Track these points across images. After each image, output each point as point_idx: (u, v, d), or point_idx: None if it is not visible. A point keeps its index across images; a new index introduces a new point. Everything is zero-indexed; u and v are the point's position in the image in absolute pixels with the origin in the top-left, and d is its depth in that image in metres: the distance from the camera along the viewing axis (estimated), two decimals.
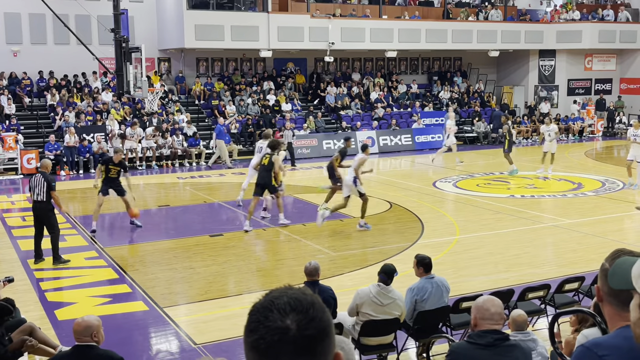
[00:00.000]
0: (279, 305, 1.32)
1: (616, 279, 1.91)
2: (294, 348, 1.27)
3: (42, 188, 10.48)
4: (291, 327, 1.28)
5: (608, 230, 12.59)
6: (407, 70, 30.93)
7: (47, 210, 10.56)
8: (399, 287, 7.38)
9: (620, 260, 1.93)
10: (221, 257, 11.17)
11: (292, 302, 1.32)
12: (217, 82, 26.58)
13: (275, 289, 1.39)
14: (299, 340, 1.28)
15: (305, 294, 1.37)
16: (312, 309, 1.33)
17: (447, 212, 14.58)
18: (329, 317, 1.38)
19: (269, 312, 1.31)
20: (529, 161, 22.75)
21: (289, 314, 1.30)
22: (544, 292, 7.73)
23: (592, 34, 29.72)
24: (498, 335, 3.77)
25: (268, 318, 1.30)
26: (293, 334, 1.28)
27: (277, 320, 1.29)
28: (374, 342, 6.68)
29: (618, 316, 1.90)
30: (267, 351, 1.27)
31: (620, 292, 1.88)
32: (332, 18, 25.93)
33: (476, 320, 3.77)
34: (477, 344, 3.69)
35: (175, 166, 22.03)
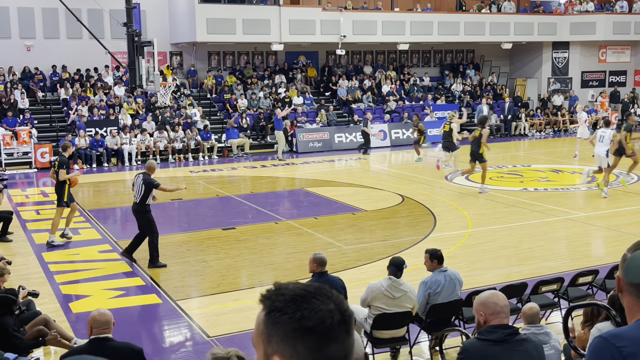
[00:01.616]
0: (315, 292, 1.37)
1: (632, 272, 1.89)
2: (345, 328, 1.35)
3: (139, 190, 10.32)
4: (335, 310, 1.35)
5: (622, 224, 12.50)
6: (419, 63, 30.80)
7: (140, 212, 10.42)
8: (411, 280, 7.38)
9: (637, 253, 1.90)
10: (234, 251, 11.21)
11: (322, 289, 1.40)
12: (229, 76, 26.60)
13: (282, 284, 1.40)
14: (346, 319, 1.36)
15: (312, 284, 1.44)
16: (339, 295, 1.40)
17: (460, 205, 14.53)
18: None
19: (312, 298, 1.36)
20: (542, 154, 22.62)
21: (330, 300, 1.36)
22: (557, 285, 7.70)
23: (606, 26, 29.43)
24: (508, 329, 3.76)
25: (314, 303, 1.35)
26: (340, 315, 1.35)
27: (323, 305, 1.35)
28: (386, 336, 6.68)
29: (638, 307, 1.88)
30: (328, 333, 1.33)
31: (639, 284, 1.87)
32: (343, 11, 25.86)
33: (485, 316, 3.75)
34: (488, 340, 3.67)
35: (188, 160, 22.09)
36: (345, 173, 20.10)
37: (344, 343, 1.35)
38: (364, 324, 6.74)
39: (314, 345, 1.32)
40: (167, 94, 19.15)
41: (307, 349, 1.32)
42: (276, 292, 1.39)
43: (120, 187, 18.34)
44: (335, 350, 1.33)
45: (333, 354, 1.33)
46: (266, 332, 1.36)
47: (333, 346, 1.33)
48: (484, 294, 3.90)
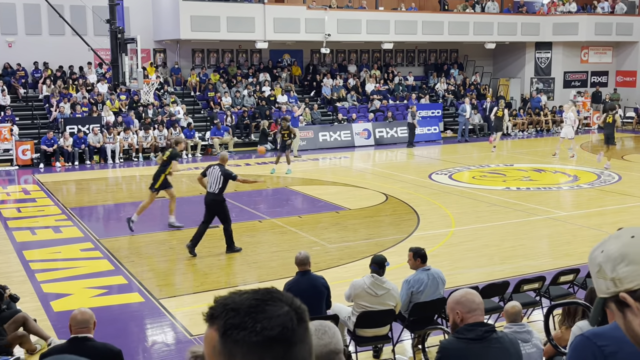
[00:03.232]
0: (267, 299, 1.33)
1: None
2: (305, 325, 1.32)
3: (217, 180, 10.60)
4: (291, 311, 1.32)
5: (603, 223, 12.63)
6: (404, 62, 30.88)
7: (218, 202, 10.70)
8: (395, 278, 7.40)
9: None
10: (217, 249, 11.17)
11: (269, 293, 1.35)
12: (213, 74, 26.51)
13: (226, 298, 1.35)
14: (302, 316, 1.33)
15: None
16: (294, 298, 1.36)
17: (443, 204, 14.60)
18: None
19: (265, 306, 1.31)
20: (524, 153, 22.79)
21: (280, 301, 1.33)
22: (539, 284, 7.77)
23: (588, 27, 29.70)
24: (485, 327, 3.79)
25: (270, 311, 1.30)
26: (296, 314, 1.32)
27: (279, 309, 1.31)
28: (369, 334, 6.70)
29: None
30: (292, 337, 1.29)
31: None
32: (328, 9, 25.86)
33: (462, 314, 3.76)
34: (467, 338, 3.70)
35: None
36: (330, 172, 20.12)
37: (306, 341, 1.33)
38: (347, 322, 6.76)
39: (280, 353, 1.29)
40: (151, 91, 19.05)
41: (275, 357, 1.29)
42: (225, 308, 1.32)
43: (102, 185, 18.22)
44: (302, 350, 1.31)
45: (300, 354, 1.31)
46: (226, 351, 1.30)
47: (297, 348, 1.30)
48: (458, 292, 3.93)
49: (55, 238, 12.04)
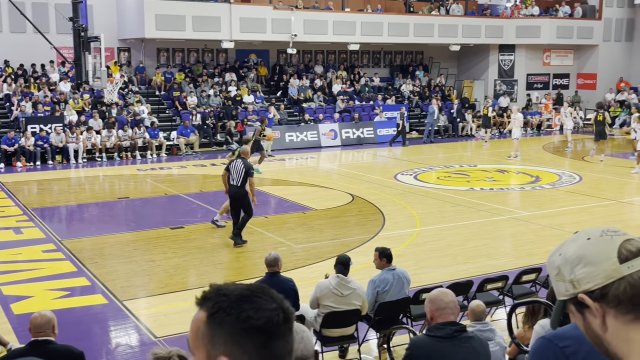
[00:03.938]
0: (258, 293, 1.37)
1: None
2: (289, 326, 1.37)
3: (239, 173, 10.99)
4: (279, 309, 1.36)
5: (565, 223, 12.87)
6: (370, 63, 31.04)
7: (241, 195, 11.10)
8: (361, 279, 7.44)
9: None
10: (182, 250, 11.09)
11: (263, 289, 1.40)
12: (178, 73, 26.28)
13: (221, 285, 1.40)
14: (288, 317, 1.37)
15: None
16: (274, 293, 1.41)
17: (408, 204, 14.72)
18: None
19: (255, 298, 1.36)
20: (488, 154, 23.10)
21: (273, 300, 1.37)
22: (502, 283, 7.88)
23: (550, 30, 30.25)
24: (456, 326, 3.83)
25: (259, 303, 1.35)
26: (283, 313, 1.36)
27: (268, 303, 1.35)
28: (335, 334, 6.72)
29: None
30: (275, 331, 1.34)
31: None
32: (294, 10, 25.85)
33: (432, 313, 3.82)
34: (436, 336, 3.74)
35: (135, 158, 21.73)
36: (296, 172, 20.11)
37: (288, 340, 1.37)
38: (313, 322, 6.77)
39: (261, 343, 1.33)
40: (114, 90, 18.79)
41: (255, 347, 1.33)
42: (217, 293, 1.37)
43: (64, 186, 17.92)
44: (281, 347, 1.35)
45: (279, 351, 1.35)
46: (209, 334, 1.34)
47: (279, 343, 1.35)
48: (434, 291, 3.97)
49: (16, 239, 11.81)
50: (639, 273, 1.29)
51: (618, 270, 1.30)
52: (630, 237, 1.36)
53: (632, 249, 1.32)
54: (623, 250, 1.32)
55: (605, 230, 1.39)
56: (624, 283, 1.29)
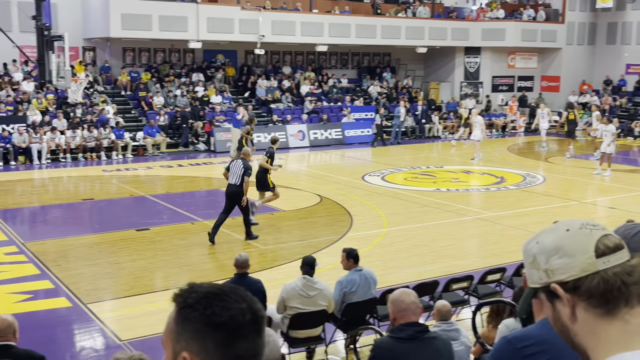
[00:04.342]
0: (231, 292, 1.38)
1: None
2: (256, 328, 1.37)
3: (238, 173, 11.34)
4: (247, 309, 1.36)
5: (529, 223, 13.07)
6: (337, 65, 31.12)
7: (239, 193, 11.36)
8: (328, 279, 7.46)
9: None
10: (148, 252, 10.98)
11: (236, 289, 1.40)
12: (145, 73, 26.00)
13: (196, 283, 1.41)
14: (257, 319, 1.37)
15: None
16: (247, 294, 1.41)
17: (376, 205, 14.79)
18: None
19: (226, 297, 1.36)
20: (454, 156, 23.34)
21: (242, 299, 1.37)
22: (467, 283, 7.97)
23: (515, 33, 30.69)
24: (418, 327, 3.87)
25: (227, 301, 1.35)
26: (251, 314, 1.36)
27: (236, 303, 1.36)
28: (302, 335, 6.73)
29: (542, 306, 1.97)
30: (238, 331, 1.34)
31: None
32: (262, 10, 25.78)
33: (395, 314, 3.84)
34: (399, 338, 3.77)
35: (101, 158, 21.43)
36: None
37: (254, 342, 1.37)
38: (280, 324, 6.76)
39: (223, 342, 1.33)
40: (79, 90, 18.52)
41: (216, 345, 1.33)
42: (189, 290, 1.39)
43: (27, 187, 17.60)
44: (244, 348, 1.35)
45: (242, 352, 1.35)
46: (176, 329, 1.36)
47: (242, 344, 1.35)
48: (395, 292, 4.00)
49: None
50: (614, 269, 1.31)
51: (594, 265, 1.31)
52: (608, 233, 1.37)
53: (610, 245, 1.33)
54: (600, 245, 1.33)
55: (585, 223, 1.39)
56: (597, 277, 1.31)
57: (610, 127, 18.80)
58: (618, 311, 1.31)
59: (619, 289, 1.31)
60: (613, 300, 1.31)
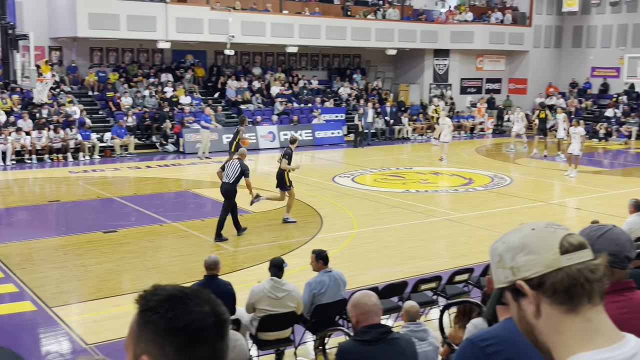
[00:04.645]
0: (193, 295, 1.36)
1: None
2: (218, 331, 1.35)
3: (234, 172, 11.68)
4: (210, 313, 1.35)
5: (497, 224, 13.22)
6: (308, 66, 31.13)
7: (232, 191, 11.77)
8: (297, 281, 7.45)
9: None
10: (115, 254, 10.84)
11: (202, 293, 1.39)
12: (112, 73, 25.69)
13: (160, 285, 1.39)
14: (220, 323, 1.35)
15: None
16: (216, 300, 1.40)
17: (346, 206, 14.82)
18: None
19: (188, 300, 1.35)
20: (423, 157, 23.51)
21: (205, 302, 1.36)
22: (436, 283, 8.03)
23: (483, 36, 31.05)
24: (382, 329, 3.88)
25: (189, 305, 1.34)
26: (212, 319, 1.34)
27: (197, 307, 1.34)
28: (271, 337, 6.70)
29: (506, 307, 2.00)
30: (198, 335, 1.32)
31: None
32: (232, 11, 25.67)
33: (357, 317, 3.85)
34: (363, 340, 3.77)
35: (67, 160, 21.10)
36: None
37: (215, 347, 1.35)
38: (249, 326, 6.72)
39: (182, 346, 1.31)
40: (45, 90, 18.23)
41: (176, 349, 1.31)
42: (152, 292, 1.38)
43: None
44: (203, 352, 1.33)
45: (202, 356, 1.33)
46: (137, 332, 1.35)
47: (202, 349, 1.33)
48: (356, 295, 4.00)
49: None
50: (577, 266, 1.35)
51: (558, 261, 1.35)
52: (572, 232, 1.42)
53: (574, 242, 1.38)
54: (565, 242, 1.37)
55: (550, 223, 1.43)
56: (561, 273, 1.35)
57: (579, 129, 19.19)
58: (581, 308, 1.34)
59: (582, 285, 1.34)
60: (577, 296, 1.34)
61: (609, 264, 2.19)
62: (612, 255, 2.19)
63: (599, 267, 1.37)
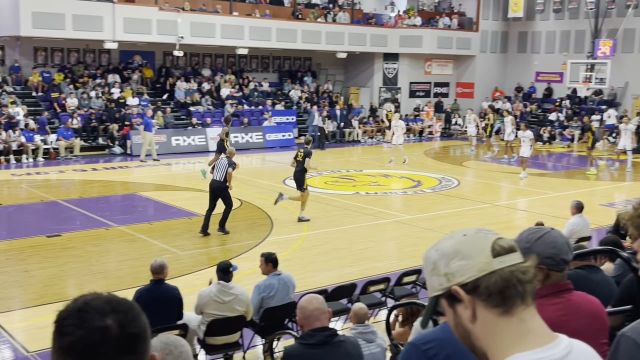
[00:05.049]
0: (97, 307, 1.29)
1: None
2: (116, 346, 1.27)
3: (223, 170, 12.15)
4: (112, 326, 1.27)
5: (444, 225, 13.42)
6: (258, 68, 31.02)
7: (222, 189, 12.22)
8: (247, 284, 7.40)
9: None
10: (59, 259, 10.57)
11: (112, 302, 1.31)
12: (57, 74, 25.08)
13: (86, 294, 1.34)
14: (121, 339, 1.27)
15: (120, 297, 1.36)
16: (131, 310, 1.32)
17: (296, 209, 14.79)
18: (146, 320, 1.36)
19: (86, 314, 1.28)
20: (374, 160, 23.69)
21: (109, 314, 1.28)
22: (384, 285, 8.09)
23: (431, 40, 31.51)
24: (327, 332, 3.89)
25: (85, 319, 1.27)
26: (115, 332, 1.27)
27: (95, 321, 1.27)
28: (219, 342, 6.64)
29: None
30: (85, 353, 1.25)
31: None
32: (181, 11, 25.38)
33: (302, 321, 3.85)
34: (309, 344, 3.78)
35: (9, 162, 20.48)
36: (183, 177, 19.72)
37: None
38: (197, 330, 6.65)
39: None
40: None
41: None
42: (67, 304, 1.32)
43: None
44: None
45: None
46: (53, 349, 1.30)
47: None
48: (302, 298, 4.01)
49: None
50: (510, 268, 1.38)
51: (490, 264, 1.38)
52: (502, 237, 1.45)
53: (505, 246, 1.41)
54: (496, 246, 1.40)
55: (480, 229, 1.47)
56: (495, 276, 1.37)
57: (528, 133, 19.81)
58: (515, 309, 1.37)
59: (515, 286, 1.37)
60: (510, 298, 1.37)
61: (547, 266, 2.25)
62: (549, 258, 2.25)
63: (529, 269, 1.41)
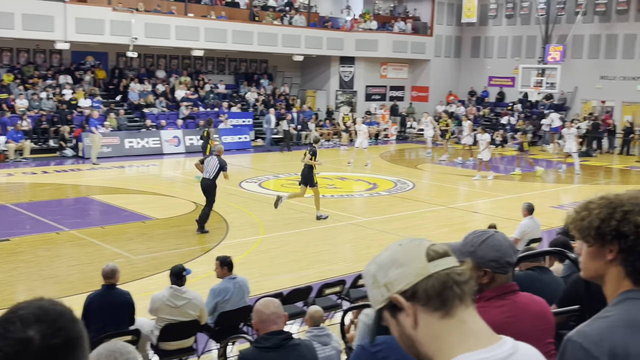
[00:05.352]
0: (22, 317, 1.26)
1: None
2: (37, 358, 1.24)
3: (214, 169, 12.35)
4: (34, 338, 1.24)
5: (399, 227, 13.54)
6: (214, 70, 30.80)
7: (212, 187, 12.45)
8: (201, 288, 7.33)
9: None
10: (8, 264, 10.29)
11: (38, 312, 1.28)
12: (6, 74, 24.43)
13: (24, 301, 1.31)
14: (42, 351, 1.24)
15: (55, 304, 1.32)
16: (60, 319, 1.29)
17: (252, 212, 14.74)
18: (79, 328, 1.32)
19: (10, 324, 1.25)
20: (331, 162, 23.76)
21: (32, 325, 1.25)
22: (340, 287, 8.11)
23: (387, 44, 31.79)
24: (282, 335, 3.88)
25: (9, 330, 1.24)
26: (36, 344, 1.24)
27: (18, 332, 1.24)
28: (173, 347, 6.55)
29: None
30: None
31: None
32: (135, 12, 25.02)
33: (256, 325, 3.85)
34: (264, 347, 3.77)
35: None
36: (136, 180, 19.42)
37: None
38: (150, 336, 6.55)
39: None
40: None
41: None
42: (7, 310, 1.29)
43: None
44: None
45: None
46: None
47: None
48: (258, 302, 4.00)
49: None
50: (445, 270, 1.42)
51: (426, 268, 1.42)
52: (435, 243, 1.49)
53: (439, 251, 1.45)
54: (430, 251, 1.45)
55: (414, 238, 1.51)
56: (432, 280, 1.41)
57: (485, 136, 20.41)
58: (455, 310, 1.40)
59: (452, 287, 1.41)
60: (449, 300, 1.40)
61: (491, 269, 2.28)
62: (493, 261, 2.28)
63: (465, 271, 1.44)
